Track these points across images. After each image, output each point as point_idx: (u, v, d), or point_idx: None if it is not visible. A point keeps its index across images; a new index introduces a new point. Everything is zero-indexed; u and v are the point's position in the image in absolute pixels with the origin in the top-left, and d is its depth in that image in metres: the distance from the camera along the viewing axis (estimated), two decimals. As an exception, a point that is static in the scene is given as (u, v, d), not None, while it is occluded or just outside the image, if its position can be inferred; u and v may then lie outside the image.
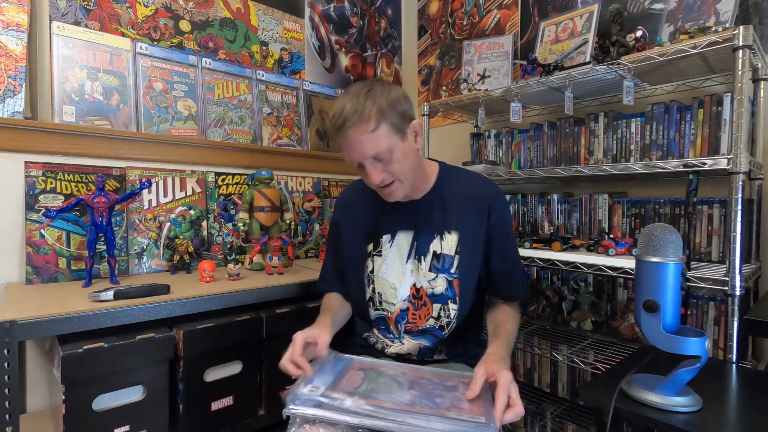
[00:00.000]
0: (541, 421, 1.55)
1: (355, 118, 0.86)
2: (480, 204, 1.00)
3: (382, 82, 0.93)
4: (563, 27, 1.62)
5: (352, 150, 0.89)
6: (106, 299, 0.97)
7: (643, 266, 0.84)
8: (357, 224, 1.07)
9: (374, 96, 0.88)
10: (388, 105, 0.88)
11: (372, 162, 0.90)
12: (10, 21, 1.24)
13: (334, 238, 1.13)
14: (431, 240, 1.00)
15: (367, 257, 1.05)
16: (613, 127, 1.47)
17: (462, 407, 0.71)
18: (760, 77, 1.28)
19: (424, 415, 0.67)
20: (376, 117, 0.86)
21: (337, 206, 1.15)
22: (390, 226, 1.04)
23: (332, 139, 0.94)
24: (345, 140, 0.89)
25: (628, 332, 1.45)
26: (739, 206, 1.04)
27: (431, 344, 1.00)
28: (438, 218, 1.01)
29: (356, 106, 0.86)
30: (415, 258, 1.01)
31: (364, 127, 0.86)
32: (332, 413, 0.69)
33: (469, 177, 1.05)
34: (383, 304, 1.03)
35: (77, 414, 0.93)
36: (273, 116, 1.80)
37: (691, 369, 0.80)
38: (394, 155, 0.90)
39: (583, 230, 1.57)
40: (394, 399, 0.73)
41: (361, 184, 1.11)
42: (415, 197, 1.03)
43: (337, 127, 0.88)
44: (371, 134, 0.87)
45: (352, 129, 0.86)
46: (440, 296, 0.99)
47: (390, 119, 0.88)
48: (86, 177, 1.28)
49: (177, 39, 1.61)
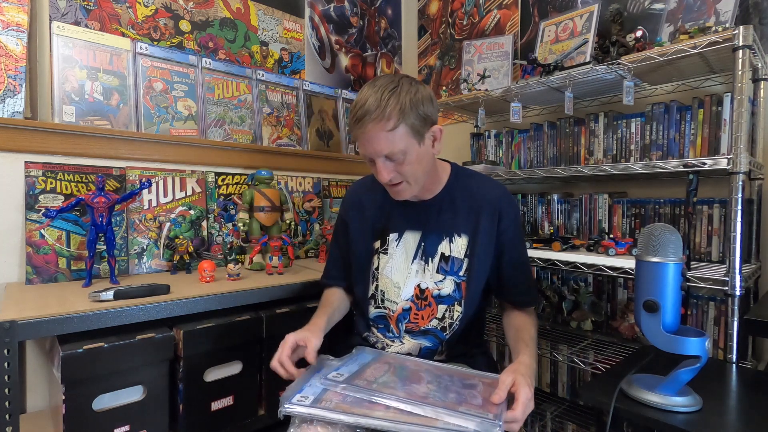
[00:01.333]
0: (541, 421, 1.55)
1: (376, 114, 0.84)
2: (491, 208, 0.99)
3: (411, 80, 0.90)
4: (563, 27, 1.62)
5: (367, 145, 0.88)
6: (106, 299, 0.97)
7: (643, 266, 0.84)
8: (365, 220, 1.07)
9: (399, 94, 0.86)
10: (411, 106, 0.86)
11: (384, 160, 0.89)
12: (10, 21, 1.24)
13: (341, 233, 1.13)
14: (439, 241, 1.00)
15: (373, 254, 1.05)
16: (613, 127, 1.47)
17: (474, 403, 0.72)
18: (760, 77, 1.28)
19: (433, 406, 0.68)
20: (396, 116, 0.84)
21: (344, 202, 1.15)
22: (398, 224, 1.03)
23: (349, 128, 0.93)
24: (362, 133, 0.88)
25: (628, 332, 1.45)
26: (739, 206, 1.04)
27: (432, 344, 1.00)
28: (447, 220, 1.00)
29: (379, 101, 0.84)
30: (422, 259, 1.01)
31: (382, 124, 0.85)
32: (328, 412, 0.69)
33: (481, 180, 1.04)
34: (385, 302, 1.03)
35: (77, 414, 0.93)
36: (273, 116, 1.80)
37: (691, 369, 0.80)
38: (408, 157, 0.89)
39: (583, 230, 1.57)
40: (409, 390, 0.73)
41: (371, 180, 1.10)
42: (425, 198, 1.02)
43: (357, 118, 0.87)
44: (389, 133, 0.85)
45: (371, 124, 0.85)
46: (447, 298, 0.99)
47: (410, 120, 0.86)
48: (86, 177, 1.28)
49: (177, 39, 1.61)
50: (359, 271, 1.07)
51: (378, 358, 0.88)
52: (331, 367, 0.78)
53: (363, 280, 1.06)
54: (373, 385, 0.73)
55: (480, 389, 0.78)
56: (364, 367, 0.82)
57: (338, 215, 1.16)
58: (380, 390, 0.72)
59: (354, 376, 0.77)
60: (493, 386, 0.77)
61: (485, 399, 0.73)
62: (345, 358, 0.84)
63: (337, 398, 0.73)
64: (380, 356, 0.90)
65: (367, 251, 1.06)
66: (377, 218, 1.06)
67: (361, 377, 0.77)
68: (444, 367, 0.88)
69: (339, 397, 0.73)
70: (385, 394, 0.70)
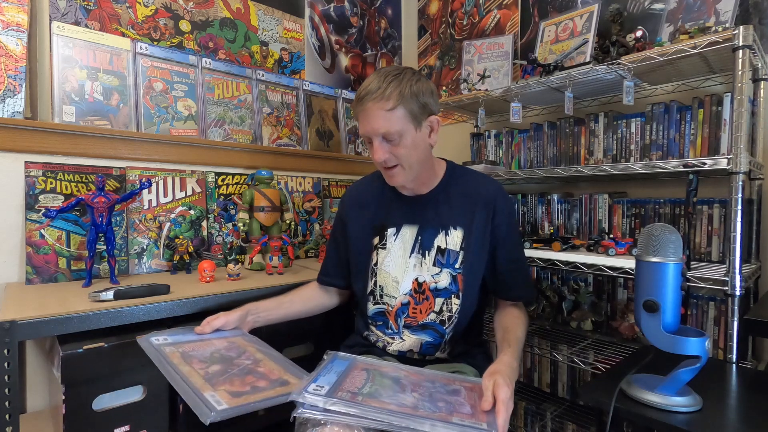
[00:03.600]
0: (541, 421, 1.55)
1: (377, 94, 0.91)
2: (485, 204, 1.01)
3: (414, 71, 0.96)
4: (563, 27, 1.62)
5: (366, 123, 0.93)
6: (106, 299, 0.97)
7: (643, 266, 0.84)
8: (364, 218, 1.09)
9: (400, 80, 0.92)
10: (411, 93, 0.92)
11: (381, 140, 0.93)
12: (10, 21, 1.24)
13: (339, 232, 1.14)
14: (435, 235, 1.02)
15: (372, 250, 1.06)
16: (613, 127, 1.47)
17: (464, 412, 0.72)
18: (760, 77, 1.28)
19: (428, 419, 0.68)
20: (396, 98, 0.90)
21: (343, 202, 1.16)
22: (396, 219, 1.05)
23: (353, 110, 1.00)
24: (362, 111, 0.93)
25: (628, 332, 1.45)
26: (739, 206, 1.04)
27: (433, 339, 1.01)
28: (443, 214, 1.02)
29: (381, 84, 0.91)
30: (419, 252, 1.02)
31: (382, 103, 0.90)
32: (340, 415, 0.69)
33: (476, 177, 1.07)
34: (384, 297, 1.04)
35: (77, 414, 0.93)
36: (273, 116, 1.80)
37: (691, 369, 0.80)
38: (403, 140, 0.93)
39: (583, 230, 1.57)
40: (398, 401, 0.73)
41: (369, 180, 1.14)
42: (421, 192, 1.05)
43: (359, 98, 0.94)
44: (387, 113, 0.91)
45: (371, 103, 0.91)
46: (444, 290, 1.00)
47: (409, 105, 0.92)
48: (86, 177, 1.28)
49: (177, 39, 1.61)
50: (358, 268, 1.08)
51: (354, 365, 0.87)
52: (309, 379, 0.77)
53: (362, 277, 1.07)
54: (359, 398, 0.72)
55: (464, 395, 0.78)
56: (342, 376, 0.80)
57: (336, 215, 1.17)
58: (368, 402, 0.71)
59: (335, 388, 0.75)
60: (475, 390, 0.78)
61: (473, 406, 0.73)
62: (319, 367, 0.83)
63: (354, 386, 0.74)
64: (355, 362, 0.89)
65: (367, 248, 1.07)
66: (376, 215, 1.08)
67: (342, 388, 0.76)
68: (423, 371, 0.87)
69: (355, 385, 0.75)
70: (377, 409, 0.69)
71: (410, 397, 0.75)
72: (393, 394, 0.76)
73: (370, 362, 0.90)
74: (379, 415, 0.67)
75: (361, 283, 1.07)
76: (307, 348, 1.31)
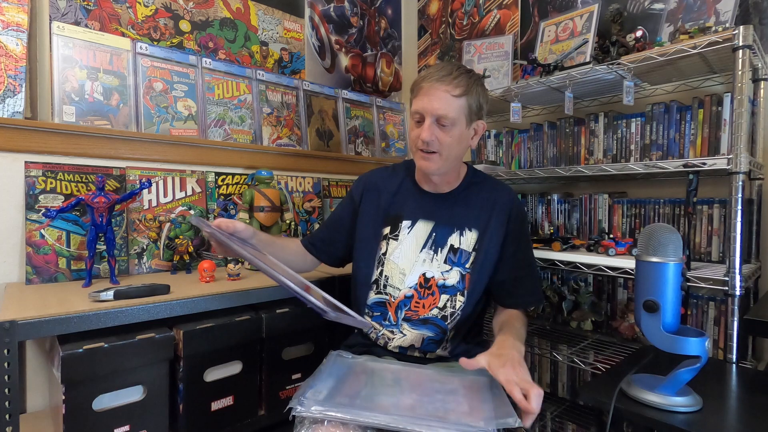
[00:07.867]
0: (541, 421, 1.55)
1: (448, 79, 0.93)
2: (502, 210, 1.04)
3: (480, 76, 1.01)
4: (563, 27, 1.62)
5: (426, 100, 0.94)
6: (106, 299, 0.97)
7: (643, 266, 0.84)
8: (378, 205, 1.09)
9: (470, 76, 0.96)
10: (477, 92, 0.96)
11: (433, 120, 0.95)
12: (10, 21, 1.23)
13: (347, 212, 1.13)
14: (450, 233, 1.03)
15: (381, 239, 1.06)
16: (613, 127, 1.47)
17: (460, 410, 0.72)
18: (760, 77, 1.28)
19: (425, 419, 0.68)
20: (464, 88, 0.94)
21: (360, 182, 1.15)
22: (413, 212, 1.06)
23: (413, 87, 0.99)
24: (427, 88, 0.94)
25: (628, 332, 1.45)
26: (739, 206, 1.04)
27: (434, 334, 1.01)
28: (460, 214, 1.04)
29: (453, 71, 0.94)
30: (431, 248, 1.03)
31: (450, 88, 0.93)
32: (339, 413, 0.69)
33: (493, 183, 1.10)
34: (388, 288, 1.04)
35: (77, 414, 0.93)
36: (273, 116, 1.80)
37: (691, 369, 0.80)
38: (453, 130, 0.95)
39: (583, 230, 1.58)
40: (397, 402, 0.73)
41: (391, 169, 1.15)
42: (442, 190, 1.07)
43: (427, 75, 0.95)
44: (452, 97, 0.93)
45: (439, 83, 0.93)
46: (451, 288, 1.01)
47: (471, 100, 0.95)
48: (86, 177, 1.28)
49: (177, 39, 1.61)
50: (364, 255, 1.08)
51: (353, 368, 0.87)
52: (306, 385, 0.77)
53: (367, 264, 1.07)
54: (356, 401, 0.72)
55: (462, 393, 0.78)
56: (340, 381, 0.80)
57: (348, 194, 1.16)
58: (365, 405, 0.71)
59: (334, 393, 0.75)
60: (472, 388, 0.78)
61: (470, 404, 0.73)
62: (318, 372, 0.83)
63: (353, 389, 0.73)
64: (354, 365, 0.88)
65: (375, 236, 1.07)
66: (391, 205, 1.08)
67: (341, 393, 0.76)
68: (422, 371, 0.87)
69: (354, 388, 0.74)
70: (374, 412, 0.69)
71: (408, 397, 0.75)
72: (392, 395, 0.76)
73: (369, 365, 0.90)
74: (376, 418, 0.68)
75: (365, 270, 1.07)
76: (307, 348, 1.31)
